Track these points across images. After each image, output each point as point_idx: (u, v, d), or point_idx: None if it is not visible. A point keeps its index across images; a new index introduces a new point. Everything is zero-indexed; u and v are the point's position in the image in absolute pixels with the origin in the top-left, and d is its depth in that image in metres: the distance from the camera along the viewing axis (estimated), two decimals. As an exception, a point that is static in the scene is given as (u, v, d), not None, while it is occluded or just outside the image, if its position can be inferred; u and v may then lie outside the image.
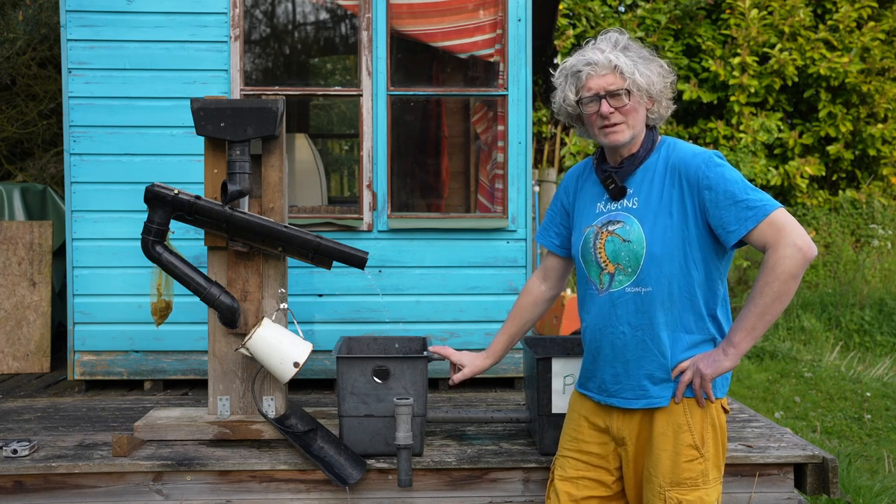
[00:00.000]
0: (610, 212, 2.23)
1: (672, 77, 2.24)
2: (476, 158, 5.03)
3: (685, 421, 2.16)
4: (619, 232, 2.18)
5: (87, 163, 4.02)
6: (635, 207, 2.18)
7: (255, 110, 2.93)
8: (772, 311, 2.03)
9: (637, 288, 2.16)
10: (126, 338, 4.05)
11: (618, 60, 2.14)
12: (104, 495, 2.83)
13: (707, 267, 2.16)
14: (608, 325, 2.22)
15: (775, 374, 6.72)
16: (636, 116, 2.18)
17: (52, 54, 7.16)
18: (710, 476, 2.16)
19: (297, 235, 2.94)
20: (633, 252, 2.15)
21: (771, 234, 2.03)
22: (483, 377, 4.11)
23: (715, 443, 2.18)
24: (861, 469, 4.39)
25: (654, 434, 2.18)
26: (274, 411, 3.07)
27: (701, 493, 2.15)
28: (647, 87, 2.17)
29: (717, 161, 2.13)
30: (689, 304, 2.16)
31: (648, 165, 2.21)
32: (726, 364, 2.11)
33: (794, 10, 9.87)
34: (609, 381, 2.24)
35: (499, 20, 4.11)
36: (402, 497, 2.89)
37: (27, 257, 4.66)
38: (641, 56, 2.19)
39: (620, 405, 2.23)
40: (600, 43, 2.20)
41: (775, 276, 2.01)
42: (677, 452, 2.15)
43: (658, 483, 2.16)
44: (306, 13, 6.72)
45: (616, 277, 2.19)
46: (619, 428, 2.25)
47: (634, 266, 2.15)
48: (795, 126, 10.22)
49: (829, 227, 9.87)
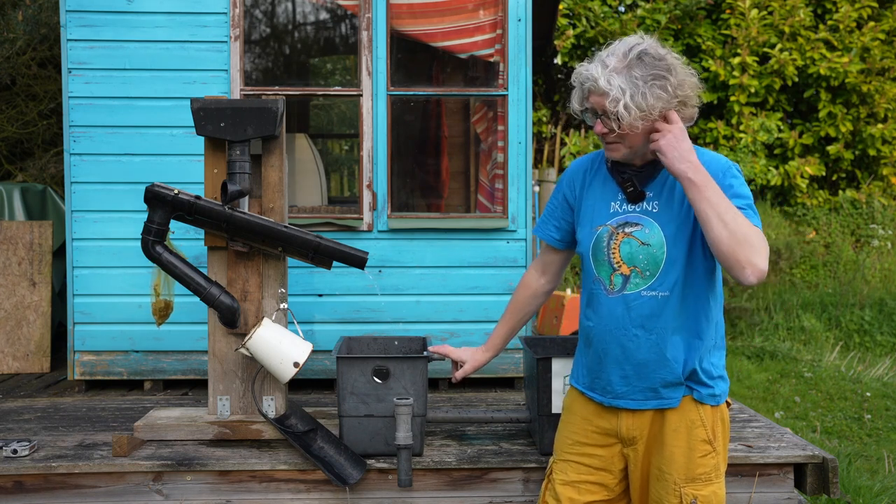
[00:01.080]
0: (627, 213, 2.20)
1: (684, 92, 2.11)
2: (476, 158, 5.03)
3: (698, 416, 2.17)
4: (637, 234, 2.16)
5: (87, 163, 4.02)
6: (656, 212, 2.16)
7: (255, 110, 2.93)
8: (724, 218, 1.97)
9: (654, 292, 2.15)
10: (126, 338, 4.05)
11: (609, 86, 2.05)
12: (104, 495, 2.83)
13: (717, 273, 2.20)
14: (619, 328, 2.19)
15: (775, 374, 6.72)
16: (633, 138, 2.12)
17: (52, 54, 7.16)
18: (721, 470, 2.20)
19: (297, 235, 2.94)
20: (653, 256, 2.14)
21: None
22: (483, 377, 4.13)
23: (724, 437, 2.22)
24: (861, 469, 4.39)
25: (665, 431, 2.18)
26: (274, 411, 3.07)
27: (714, 488, 2.17)
28: (637, 115, 2.05)
29: (736, 172, 2.13)
30: (703, 310, 2.17)
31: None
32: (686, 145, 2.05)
33: (794, 10, 9.88)
34: (617, 383, 2.22)
35: (499, 20, 4.11)
36: (402, 497, 2.88)
37: (27, 257, 4.66)
38: (647, 75, 2.05)
39: (630, 406, 2.21)
40: (610, 55, 2.09)
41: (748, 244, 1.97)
42: (691, 448, 2.16)
43: (673, 480, 2.16)
44: (306, 13, 6.72)
45: (631, 280, 2.17)
46: (628, 428, 2.23)
47: (653, 270, 2.15)
48: (795, 126, 10.22)
49: (829, 227, 9.87)
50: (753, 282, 1.98)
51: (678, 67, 2.11)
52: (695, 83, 2.15)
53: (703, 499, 2.15)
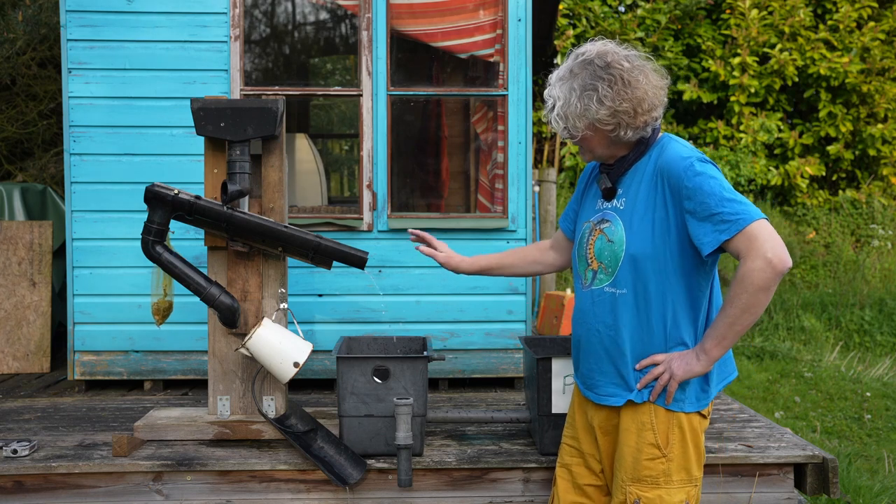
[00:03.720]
0: (604, 210, 2.26)
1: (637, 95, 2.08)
2: (476, 158, 5.03)
3: (649, 420, 2.17)
4: (606, 231, 2.21)
5: (87, 163, 4.02)
6: (622, 208, 2.20)
7: (255, 110, 2.93)
8: (741, 321, 2.02)
9: (613, 289, 2.18)
10: (126, 338, 4.05)
11: (548, 96, 2.15)
12: (104, 495, 2.84)
13: (686, 276, 2.13)
14: (587, 321, 2.26)
15: (775, 374, 6.72)
16: (590, 143, 2.19)
17: (52, 54, 7.16)
18: (674, 477, 2.15)
19: (297, 235, 2.94)
20: (614, 252, 2.17)
21: (744, 245, 1.98)
22: (483, 377, 4.13)
23: (683, 445, 2.16)
24: (861, 469, 4.39)
25: (620, 430, 2.22)
26: (274, 411, 3.07)
27: (661, 493, 2.15)
28: (581, 124, 2.12)
29: (697, 169, 2.06)
30: (671, 311, 2.14)
31: (640, 166, 2.20)
32: (697, 368, 2.10)
33: (794, 10, 9.87)
34: (587, 375, 2.30)
35: (499, 20, 4.11)
36: (402, 497, 2.89)
37: (27, 257, 4.66)
38: (586, 84, 2.08)
39: (592, 399, 2.29)
40: (561, 68, 2.15)
41: (743, 289, 1.98)
42: (639, 449, 2.17)
43: (620, 477, 2.20)
44: (306, 13, 6.72)
45: (598, 275, 2.22)
46: (591, 418, 2.32)
47: (614, 266, 2.18)
48: (795, 126, 10.22)
49: (829, 227, 9.87)
50: (783, 268, 1.97)
51: (633, 73, 2.08)
52: (654, 88, 2.11)
53: (646, 500, 2.15)
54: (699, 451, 2.19)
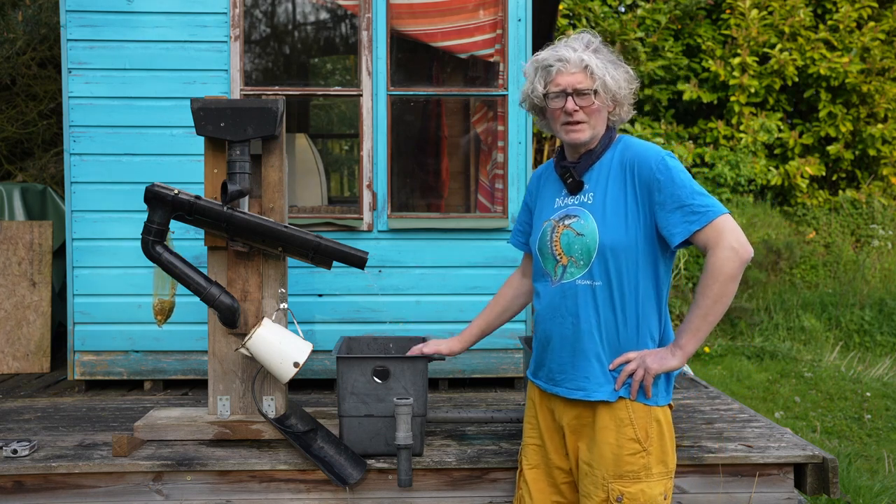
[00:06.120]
0: (567, 206, 2.29)
1: (636, 84, 2.29)
2: (476, 158, 5.03)
3: (627, 415, 2.19)
4: (573, 226, 2.23)
5: (87, 163, 4.02)
6: (590, 203, 2.24)
7: (255, 110, 2.93)
8: (713, 312, 2.11)
9: (587, 281, 2.22)
10: (126, 338, 4.05)
11: (589, 60, 2.20)
12: (104, 495, 2.84)
13: (655, 265, 2.22)
14: (557, 316, 2.27)
15: (775, 374, 6.72)
16: (598, 117, 2.25)
17: (52, 54, 7.16)
18: (654, 470, 2.19)
19: (297, 235, 2.94)
20: (586, 245, 2.20)
21: (712, 237, 2.10)
22: (483, 377, 4.13)
23: (660, 438, 2.21)
24: (861, 469, 4.39)
25: (596, 428, 2.22)
26: (274, 411, 3.07)
27: (643, 486, 2.18)
28: (615, 90, 2.23)
29: (668, 163, 2.17)
30: (642, 302, 2.21)
31: (604, 161, 2.27)
32: (673, 363, 2.16)
33: (794, 10, 9.88)
34: (556, 371, 2.30)
35: (499, 20, 4.11)
36: (402, 497, 2.89)
37: (27, 257, 4.66)
38: (610, 60, 2.24)
39: (562, 395, 2.28)
40: (573, 41, 2.25)
41: (714, 279, 2.09)
42: (620, 446, 2.18)
43: (601, 475, 2.20)
44: (306, 13, 6.72)
45: (568, 269, 2.24)
46: (559, 416, 2.32)
47: (587, 259, 2.21)
48: (795, 126, 10.22)
49: (829, 227, 9.87)
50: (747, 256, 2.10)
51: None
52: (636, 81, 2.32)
53: (629, 496, 2.17)
54: (673, 443, 2.26)
